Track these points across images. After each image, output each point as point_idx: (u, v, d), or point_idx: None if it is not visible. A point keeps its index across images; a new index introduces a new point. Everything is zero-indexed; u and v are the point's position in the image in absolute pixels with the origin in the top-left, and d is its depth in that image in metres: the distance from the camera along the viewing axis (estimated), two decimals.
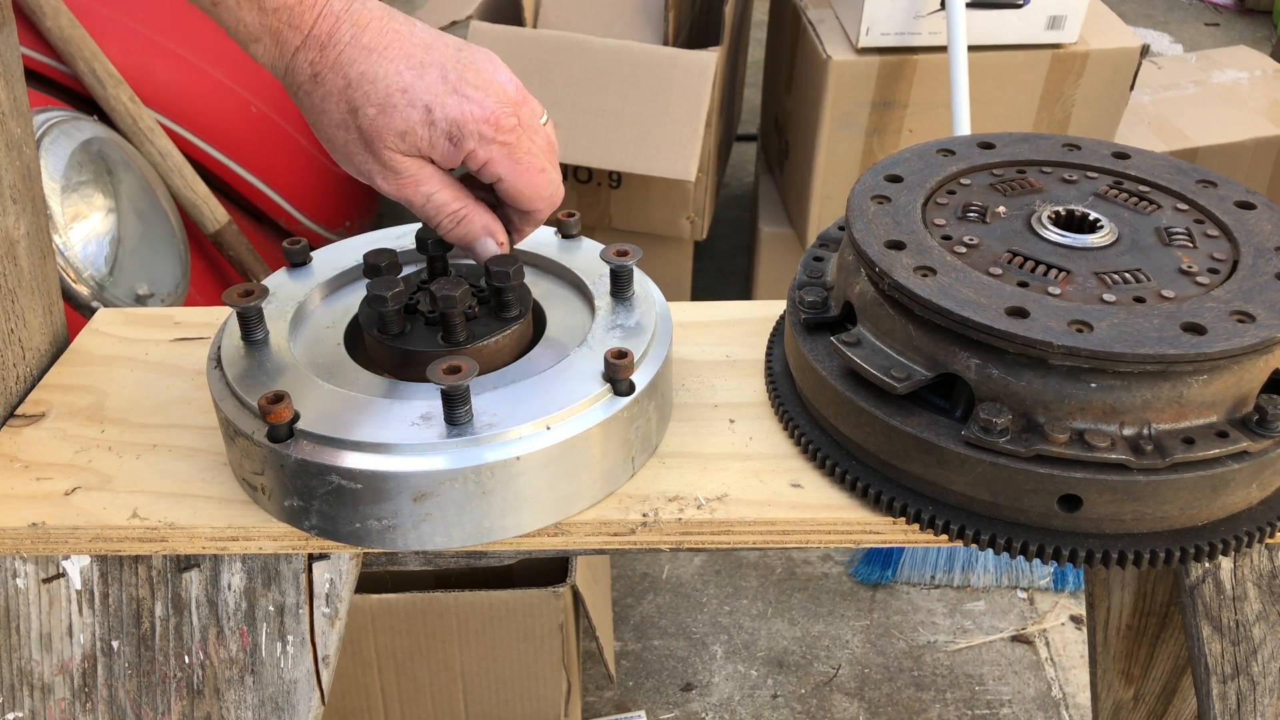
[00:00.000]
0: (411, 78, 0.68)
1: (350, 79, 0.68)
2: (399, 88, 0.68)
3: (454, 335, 0.75)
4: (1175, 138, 2.31)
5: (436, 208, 0.73)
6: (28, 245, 0.86)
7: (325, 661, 0.74)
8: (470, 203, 0.75)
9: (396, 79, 0.68)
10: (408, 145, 0.69)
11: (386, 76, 0.68)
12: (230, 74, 1.93)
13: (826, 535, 0.74)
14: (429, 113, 0.68)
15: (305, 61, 0.68)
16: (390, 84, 0.68)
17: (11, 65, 0.83)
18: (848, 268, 0.78)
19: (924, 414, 0.71)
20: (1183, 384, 0.66)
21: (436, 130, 0.69)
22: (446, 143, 0.69)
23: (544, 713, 1.50)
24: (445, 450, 0.68)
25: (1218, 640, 0.75)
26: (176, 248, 1.73)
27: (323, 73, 0.68)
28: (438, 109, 0.68)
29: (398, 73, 0.68)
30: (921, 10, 1.87)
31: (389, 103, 0.68)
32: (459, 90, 0.69)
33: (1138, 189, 0.82)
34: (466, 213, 0.74)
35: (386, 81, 0.68)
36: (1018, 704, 1.70)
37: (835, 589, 1.91)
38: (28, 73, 1.20)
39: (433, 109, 0.68)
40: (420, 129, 0.68)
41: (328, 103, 0.69)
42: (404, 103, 0.68)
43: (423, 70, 0.69)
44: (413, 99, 0.68)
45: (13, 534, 0.74)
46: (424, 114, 0.68)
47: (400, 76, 0.68)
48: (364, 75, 0.68)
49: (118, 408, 0.85)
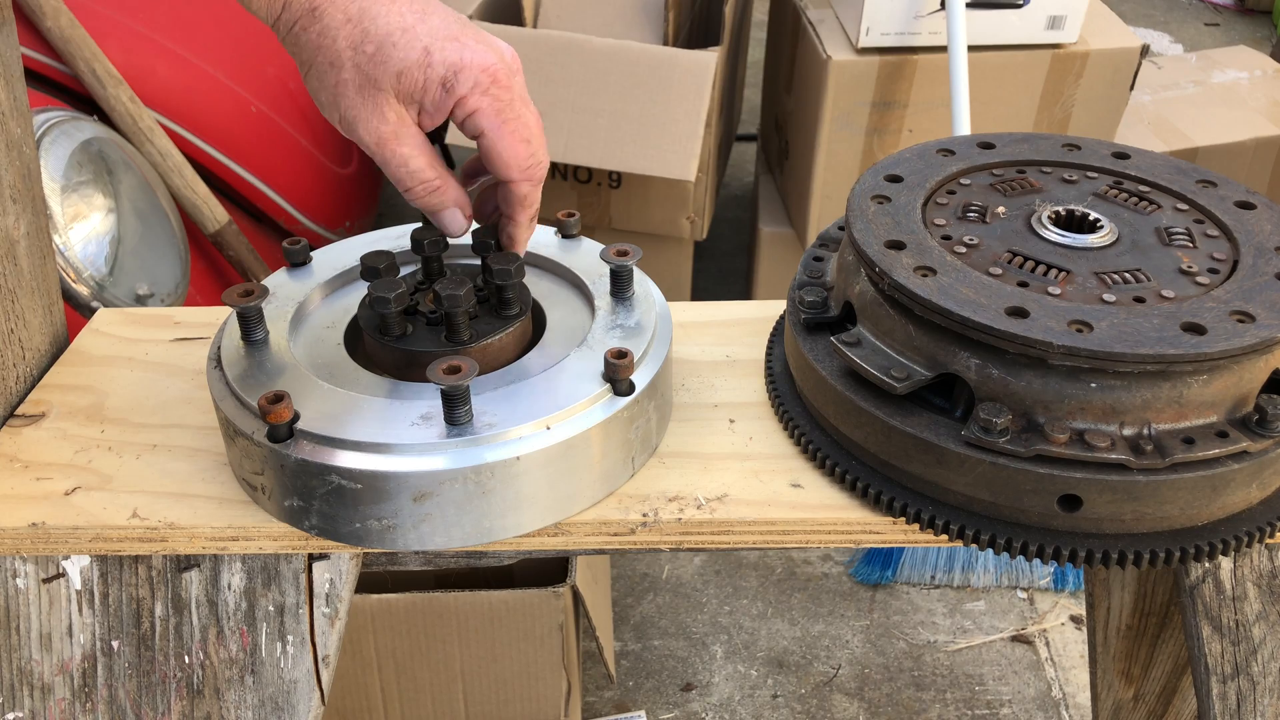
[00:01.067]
0: (413, 19, 0.68)
1: (350, 15, 0.67)
2: (400, 27, 0.67)
3: (458, 334, 0.75)
4: (1175, 138, 2.31)
5: (410, 172, 0.72)
6: (28, 245, 0.86)
7: (325, 661, 0.74)
8: (445, 174, 0.74)
9: (399, 19, 0.67)
10: (402, 86, 0.68)
11: (388, 15, 0.67)
12: (230, 74, 1.93)
13: (826, 535, 0.74)
14: (427, 54, 0.68)
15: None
16: (392, 23, 0.67)
17: (11, 65, 0.83)
18: (848, 268, 0.78)
19: (924, 414, 0.71)
20: (1183, 384, 0.66)
21: (433, 73, 0.68)
22: (439, 89, 0.68)
23: (544, 713, 1.50)
24: (445, 450, 0.68)
25: (1218, 640, 0.75)
26: (176, 248, 1.73)
27: (322, 6, 0.67)
28: (436, 51, 0.68)
29: (399, 13, 0.68)
30: (921, 10, 1.87)
31: (389, 40, 0.67)
32: (459, 39, 0.69)
33: (1138, 189, 0.82)
34: (440, 184, 0.74)
35: (388, 20, 0.67)
36: (1018, 704, 1.70)
37: (835, 589, 1.91)
38: (28, 73, 1.20)
39: (431, 51, 0.68)
40: (416, 70, 0.68)
41: (324, 38, 0.68)
42: (404, 41, 0.67)
43: (425, 15, 0.68)
44: (412, 39, 0.67)
45: (13, 534, 0.74)
46: (422, 55, 0.67)
47: (402, 17, 0.68)
48: (365, 12, 0.67)
49: (118, 408, 0.85)
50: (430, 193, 0.74)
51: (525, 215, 0.77)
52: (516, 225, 0.78)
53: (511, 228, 0.78)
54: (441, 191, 0.74)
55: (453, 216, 0.76)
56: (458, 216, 0.76)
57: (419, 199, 0.74)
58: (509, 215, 0.77)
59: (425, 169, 0.72)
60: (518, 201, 0.76)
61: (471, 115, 0.70)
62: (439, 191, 0.74)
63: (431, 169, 0.73)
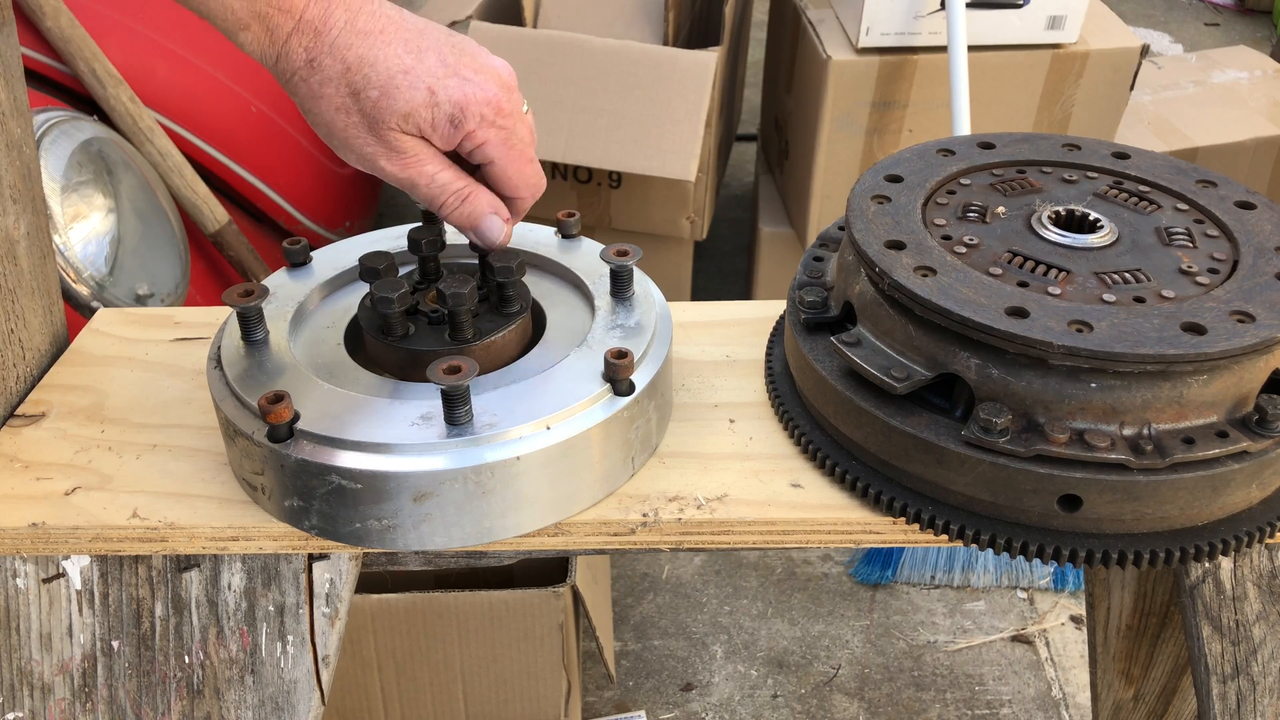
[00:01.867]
0: (411, 60, 0.68)
1: (349, 63, 0.68)
2: (400, 69, 0.68)
3: (462, 332, 0.75)
4: (1175, 138, 2.31)
5: (440, 187, 0.73)
6: (28, 245, 0.86)
7: (325, 661, 0.74)
8: (473, 182, 0.74)
9: (397, 61, 0.68)
10: (410, 126, 0.69)
11: (386, 60, 0.68)
12: (230, 74, 1.93)
13: (826, 535, 0.74)
14: (432, 94, 0.68)
15: (299, 47, 0.68)
16: (391, 66, 0.68)
17: (11, 65, 0.83)
18: (848, 268, 0.78)
19: (924, 414, 0.71)
20: (1183, 384, 0.66)
21: (440, 111, 0.69)
22: (448, 125, 0.69)
23: (544, 713, 1.50)
24: (445, 450, 0.68)
25: (1218, 640, 0.75)
26: (176, 248, 1.73)
27: (319, 58, 0.68)
28: (440, 90, 0.69)
29: (397, 56, 0.68)
30: (921, 10, 1.87)
31: (391, 84, 0.68)
32: (459, 73, 0.70)
33: (1138, 189, 0.82)
34: (470, 191, 0.74)
35: (387, 64, 0.68)
36: (1018, 704, 1.70)
37: (835, 589, 1.91)
38: (28, 73, 1.20)
39: (436, 90, 0.68)
40: (423, 110, 0.69)
41: (325, 88, 0.68)
42: (406, 84, 0.68)
43: (421, 54, 0.69)
44: (414, 81, 0.68)
45: (13, 534, 0.74)
46: (427, 95, 0.68)
47: (400, 59, 0.68)
48: (363, 59, 0.68)
49: (118, 408, 0.85)
50: (463, 201, 0.74)
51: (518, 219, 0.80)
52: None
53: None
54: (474, 199, 0.74)
55: (492, 224, 0.76)
56: (497, 223, 0.76)
57: (453, 211, 0.74)
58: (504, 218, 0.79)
59: (453, 180, 0.73)
60: (518, 211, 0.78)
61: (480, 147, 0.72)
62: (471, 199, 0.74)
63: (459, 179, 0.73)
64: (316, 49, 0.67)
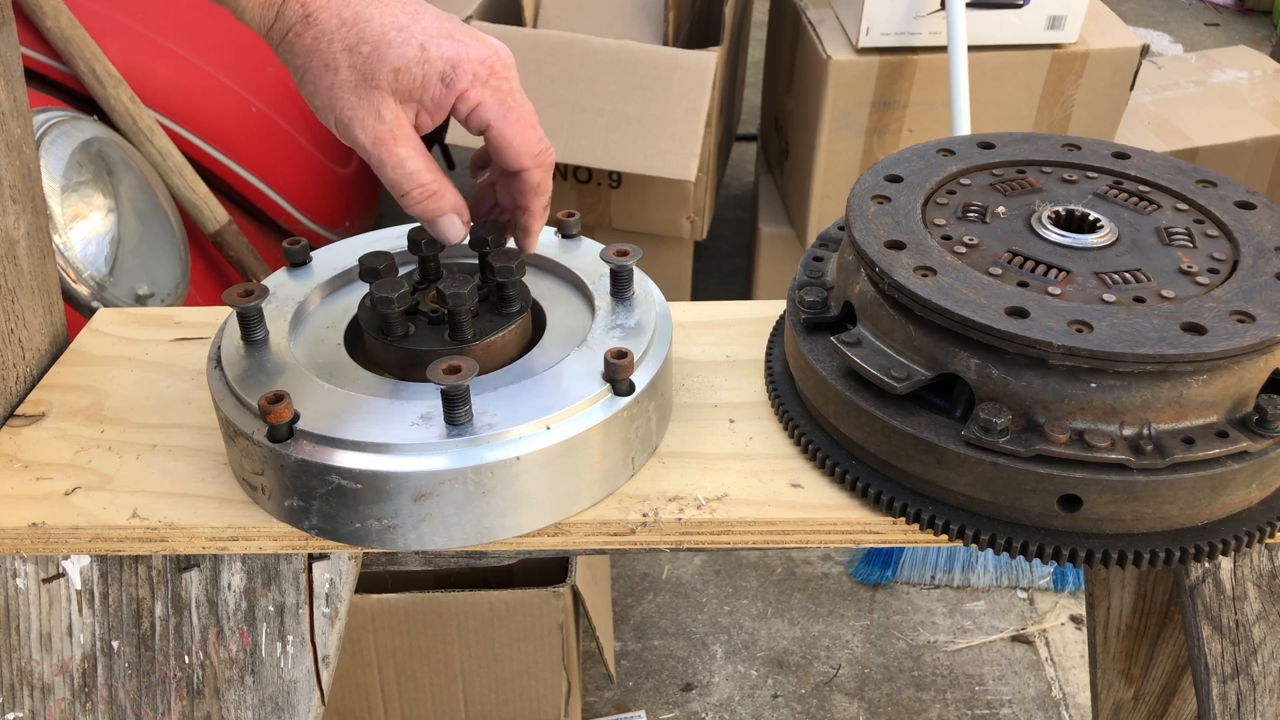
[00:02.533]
0: (407, 20, 0.69)
1: (344, 18, 0.68)
2: (395, 25, 0.68)
3: (462, 332, 0.75)
4: (1175, 138, 2.31)
5: (408, 174, 0.71)
6: (28, 245, 0.86)
7: (325, 661, 0.74)
8: (442, 179, 0.73)
9: (392, 18, 0.68)
10: (400, 84, 0.68)
11: (382, 16, 0.68)
12: (230, 74, 1.93)
13: (826, 535, 0.74)
14: (424, 50, 0.68)
15: (298, 4, 0.68)
16: (386, 22, 0.68)
17: (11, 65, 0.83)
18: (848, 268, 0.78)
19: (924, 414, 0.71)
20: (1183, 384, 0.66)
21: (431, 68, 0.68)
22: (439, 84, 0.68)
23: (544, 713, 1.50)
24: (445, 450, 0.68)
25: (1218, 640, 0.75)
26: (176, 248, 1.73)
27: (315, 12, 0.68)
28: (433, 47, 0.68)
29: (393, 15, 0.68)
30: (921, 10, 1.87)
31: (384, 39, 0.68)
32: (453, 35, 0.69)
33: (1138, 189, 0.82)
34: (437, 188, 0.73)
35: (382, 20, 0.68)
36: (1018, 704, 1.70)
37: (835, 589, 1.91)
38: (28, 73, 1.20)
39: (427, 47, 0.68)
40: (415, 66, 0.68)
41: (319, 42, 0.68)
42: (399, 40, 0.68)
43: (418, 15, 0.69)
44: (408, 37, 0.68)
45: (13, 534, 0.74)
46: (419, 51, 0.68)
47: (395, 18, 0.68)
48: (359, 15, 0.68)
49: (118, 408, 0.85)
50: (427, 197, 0.72)
51: (540, 203, 0.77)
52: (532, 215, 0.77)
53: (527, 218, 0.77)
54: (439, 197, 0.73)
55: (450, 223, 0.74)
56: (455, 223, 0.75)
57: (416, 204, 0.73)
58: (524, 205, 0.77)
59: (422, 171, 0.71)
60: (531, 190, 0.75)
61: (475, 109, 0.70)
62: (436, 196, 0.73)
63: (429, 172, 0.72)
64: (314, 4, 0.68)
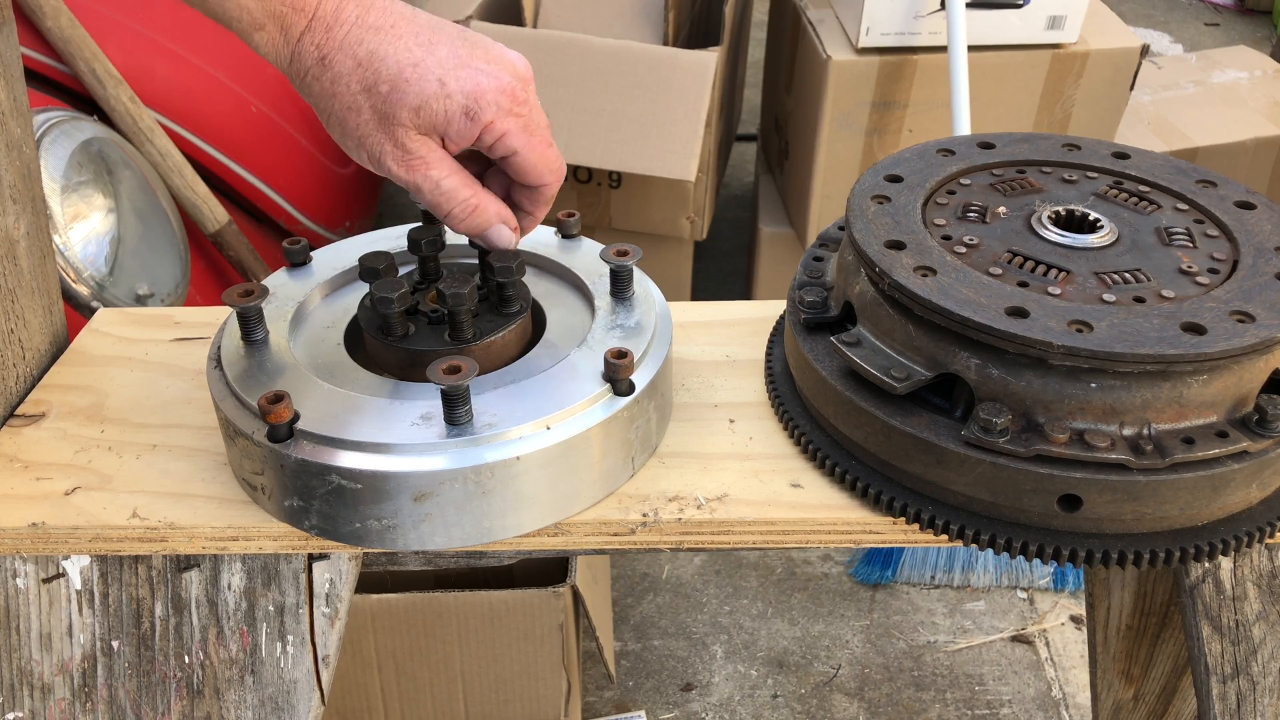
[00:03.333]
0: (421, 53, 0.68)
1: (359, 58, 0.67)
2: (410, 62, 0.68)
3: (462, 332, 0.75)
4: (1175, 138, 2.31)
5: (445, 195, 0.72)
6: (28, 245, 0.86)
7: (325, 661, 0.74)
8: (480, 191, 0.74)
9: (406, 55, 0.68)
10: (422, 120, 0.68)
11: (396, 54, 0.68)
12: (230, 74, 1.93)
13: (826, 535, 0.74)
14: (443, 85, 0.68)
15: (311, 45, 0.67)
16: (401, 60, 0.67)
17: (11, 65, 0.83)
18: (848, 268, 0.78)
19: (924, 414, 0.71)
20: (1183, 384, 0.66)
21: (453, 103, 0.68)
22: (462, 117, 0.69)
23: (544, 713, 1.50)
24: (445, 450, 0.68)
25: (1218, 640, 0.75)
26: (176, 248, 1.73)
27: (330, 55, 0.67)
28: (452, 81, 0.68)
29: (407, 49, 0.68)
30: (921, 10, 1.87)
31: (401, 78, 0.67)
32: (470, 64, 0.69)
33: (1138, 189, 0.82)
34: (478, 201, 0.73)
35: (397, 58, 0.67)
36: (1018, 704, 1.70)
37: (835, 589, 1.91)
38: (28, 73, 1.20)
39: (446, 81, 0.68)
40: (435, 101, 0.68)
41: (337, 85, 0.68)
42: (416, 77, 0.67)
43: (431, 47, 0.69)
44: (424, 73, 0.68)
45: (13, 534, 0.74)
46: (438, 86, 0.68)
47: (410, 52, 0.68)
48: (373, 54, 0.67)
49: (118, 408, 0.85)
50: (470, 213, 0.73)
51: (546, 210, 0.79)
52: (534, 220, 0.79)
53: (529, 222, 0.79)
54: (481, 210, 0.74)
55: (499, 233, 0.75)
56: (504, 231, 0.76)
57: (460, 222, 0.74)
58: (530, 211, 0.78)
59: (460, 189, 0.72)
60: (545, 201, 0.77)
61: (501, 139, 0.71)
62: (478, 210, 0.73)
63: (466, 187, 0.73)
64: (327, 45, 0.67)
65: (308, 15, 0.67)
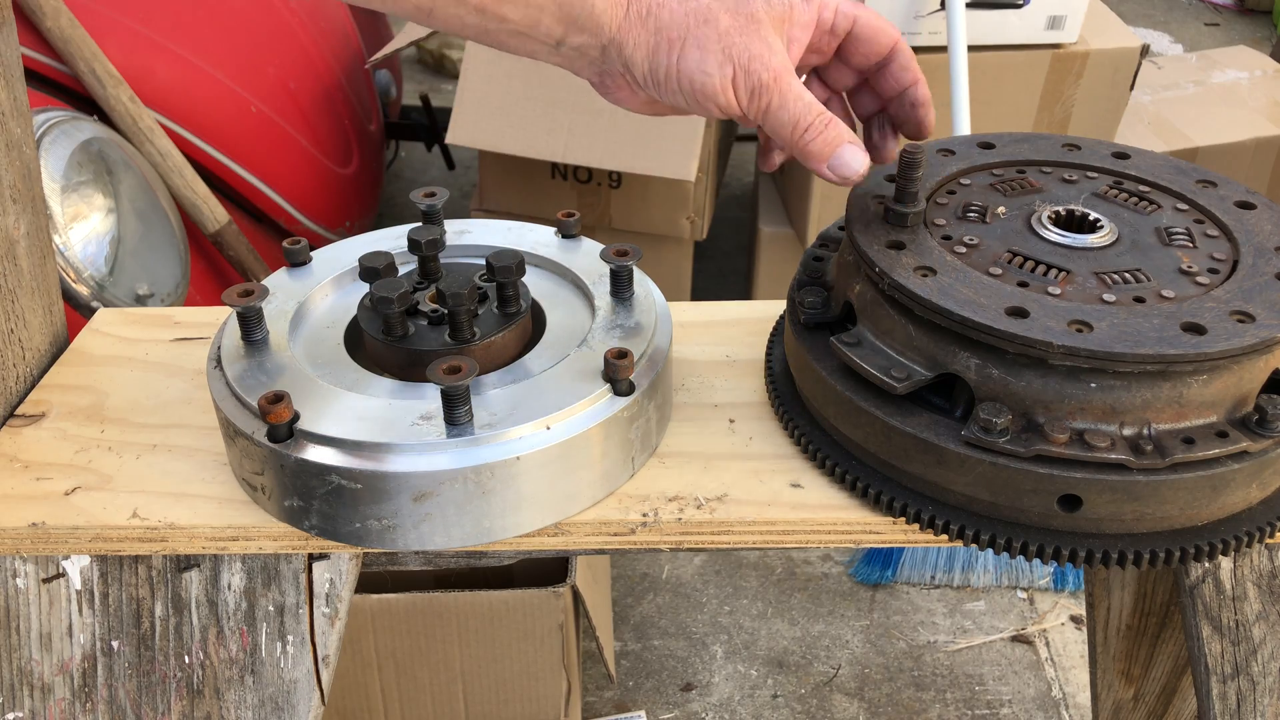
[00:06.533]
0: None
1: None
2: None
3: (462, 333, 0.75)
4: (1175, 138, 2.31)
5: (807, 105, 0.67)
6: (28, 245, 0.86)
7: (325, 661, 0.74)
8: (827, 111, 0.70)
9: None
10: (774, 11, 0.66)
11: None
12: (230, 74, 1.93)
13: (826, 535, 0.74)
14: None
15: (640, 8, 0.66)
16: None
17: (11, 65, 0.83)
18: (848, 268, 0.78)
19: (924, 414, 0.71)
20: (1183, 384, 0.66)
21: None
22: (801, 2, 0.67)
23: (544, 713, 1.50)
24: (445, 450, 0.68)
25: (1218, 640, 0.75)
26: (176, 248, 1.73)
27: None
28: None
29: None
30: (921, 10, 1.87)
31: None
32: None
33: (1138, 189, 0.82)
34: (830, 117, 0.69)
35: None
36: (1018, 704, 1.70)
37: (835, 589, 1.91)
38: (28, 73, 1.20)
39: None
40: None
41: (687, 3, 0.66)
42: None
43: None
44: None
45: (13, 534, 0.74)
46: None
47: None
48: None
49: (118, 408, 0.85)
50: (826, 125, 0.69)
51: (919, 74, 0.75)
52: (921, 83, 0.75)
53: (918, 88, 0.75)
54: (836, 124, 0.69)
55: (852, 154, 0.70)
56: (857, 153, 0.70)
57: (817, 135, 0.69)
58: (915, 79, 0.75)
59: (817, 102, 0.68)
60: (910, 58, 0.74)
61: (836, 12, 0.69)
62: (834, 123, 0.69)
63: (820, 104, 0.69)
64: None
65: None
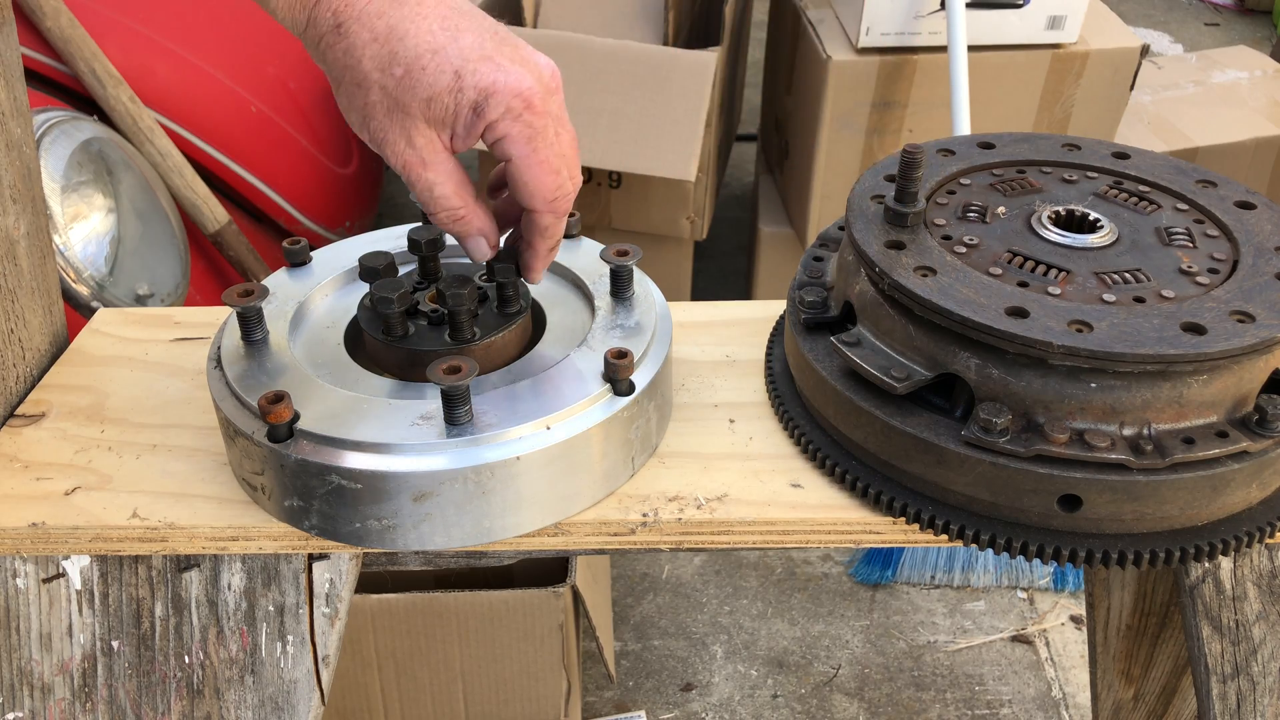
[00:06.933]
0: (445, 39, 0.63)
1: (377, 33, 0.63)
2: (430, 48, 0.63)
3: (462, 333, 0.75)
4: (1175, 138, 2.31)
5: (435, 199, 0.69)
6: (28, 245, 0.86)
7: (325, 661, 0.74)
8: (471, 204, 0.71)
9: (428, 38, 0.63)
10: (432, 113, 0.64)
11: (417, 34, 0.63)
12: (230, 74, 1.93)
13: (826, 535, 0.74)
14: (458, 78, 0.63)
15: (328, 10, 0.63)
16: (421, 43, 0.63)
17: (11, 65, 0.83)
18: (848, 268, 0.78)
19: (924, 414, 0.71)
20: (1183, 384, 0.66)
21: (464, 98, 0.64)
22: (470, 113, 0.64)
23: (544, 713, 1.50)
24: (445, 450, 0.68)
25: (1218, 640, 0.75)
26: (176, 248, 1.73)
27: (347, 23, 0.63)
28: (468, 75, 0.63)
29: (430, 32, 0.63)
30: (921, 10, 1.87)
31: (418, 64, 0.63)
32: (494, 58, 0.64)
33: (1138, 189, 0.82)
34: (465, 213, 0.71)
35: (417, 40, 0.63)
36: (1018, 704, 1.70)
37: (835, 589, 1.91)
38: (28, 73, 1.20)
39: (462, 75, 0.63)
40: (446, 96, 0.63)
41: (350, 57, 0.63)
42: (433, 65, 0.63)
43: (456, 33, 0.64)
44: (442, 63, 0.63)
45: (13, 534, 0.74)
46: (453, 79, 0.63)
47: (433, 36, 0.63)
48: (393, 31, 0.63)
49: (118, 408, 0.85)
50: (454, 221, 0.71)
51: (544, 246, 0.74)
52: (534, 254, 0.75)
53: (529, 255, 0.75)
54: (465, 220, 0.71)
55: (477, 245, 0.73)
56: (482, 245, 0.73)
57: (444, 226, 0.72)
58: (528, 242, 0.74)
59: (450, 196, 0.69)
60: (538, 231, 0.73)
61: (500, 141, 0.67)
62: (462, 220, 0.71)
63: (457, 196, 0.70)
64: (345, 13, 0.63)
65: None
